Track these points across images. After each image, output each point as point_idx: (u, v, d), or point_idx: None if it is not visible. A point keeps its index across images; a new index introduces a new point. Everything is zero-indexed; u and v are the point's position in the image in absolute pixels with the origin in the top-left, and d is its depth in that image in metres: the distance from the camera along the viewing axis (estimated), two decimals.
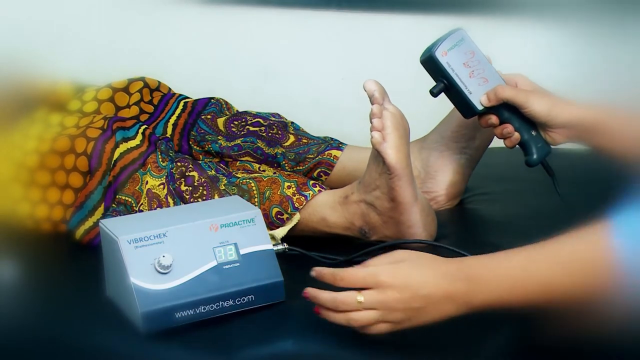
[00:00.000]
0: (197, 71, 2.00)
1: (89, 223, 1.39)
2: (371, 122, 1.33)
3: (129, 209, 1.39)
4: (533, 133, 1.35)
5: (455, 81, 1.34)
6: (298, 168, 1.54)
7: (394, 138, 1.31)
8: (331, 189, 1.42)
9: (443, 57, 1.33)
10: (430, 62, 1.34)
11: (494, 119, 1.37)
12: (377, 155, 1.32)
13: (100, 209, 1.39)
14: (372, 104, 1.33)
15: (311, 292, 1.10)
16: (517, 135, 1.36)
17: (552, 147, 1.37)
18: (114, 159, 1.40)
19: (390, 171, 1.31)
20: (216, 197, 1.39)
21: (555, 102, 1.33)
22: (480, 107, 1.35)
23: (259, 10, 2.06)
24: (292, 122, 1.61)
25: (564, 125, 1.33)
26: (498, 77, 1.36)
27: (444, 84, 1.34)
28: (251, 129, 1.57)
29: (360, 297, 1.06)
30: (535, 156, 1.36)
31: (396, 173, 1.31)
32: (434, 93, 1.35)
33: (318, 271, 1.10)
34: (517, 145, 1.38)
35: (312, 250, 1.32)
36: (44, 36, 1.51)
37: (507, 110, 1.36)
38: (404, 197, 1.32)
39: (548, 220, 1.37)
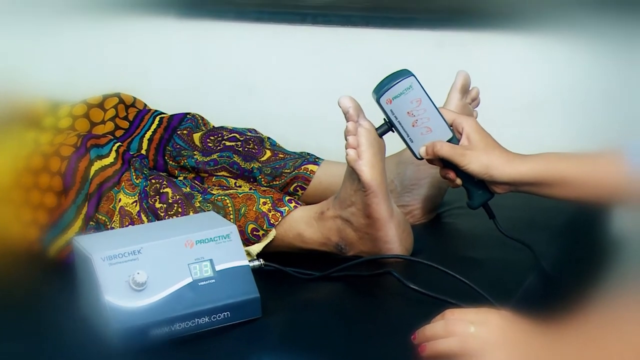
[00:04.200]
0: (173, 87, 1.99)
1: (62, 241, 1.38)
2: (346, 140, 1.32)
3: (102, 228, 1.38)
4: (475, 179, 1.33)
5: (398, 129, 1.33)
6: (274, 183, 1.53)
7: (369, 155, 1.31)
8: (307, 204, 1.42)
9: (387, 105, 1.31)
10: (377, 103, 1.33)
11: (436, 162, 1.34)
12: (352, 172, 1.32)
13: (74, 227, 1.38)
14: (347, 120, 1.33)
15: (419, 332, 1.04)
16: (459, 180, 1.34)
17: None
18: (90, 176, 1.39)
19: (365, 188, 1.30)
20: (191, 214, 1.38)
21: (495, 161, 1.29)
22: (419, 157, 1.34)
23: (235, 26, 2.06)
24: (269, 138, 1.61)
25: (504, 183, 1.30)
26: (443, 127, 1.32)
27: (388, 126, 1.33)
28: (227, 143, 1.57)
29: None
30: (475, 202, 1.35)
31: (371, 190, 1.30)
32: (379, 134, 1.34)
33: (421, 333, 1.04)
34: None
35: (288, 266, 1.31)
36: (18, 52, 1.50)
37: None
38: (380, 214, 1.32)
39: (524, 235, 1.38)
